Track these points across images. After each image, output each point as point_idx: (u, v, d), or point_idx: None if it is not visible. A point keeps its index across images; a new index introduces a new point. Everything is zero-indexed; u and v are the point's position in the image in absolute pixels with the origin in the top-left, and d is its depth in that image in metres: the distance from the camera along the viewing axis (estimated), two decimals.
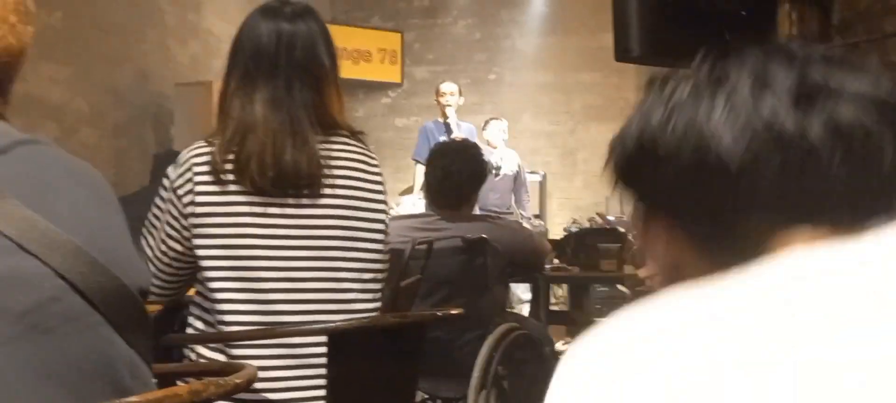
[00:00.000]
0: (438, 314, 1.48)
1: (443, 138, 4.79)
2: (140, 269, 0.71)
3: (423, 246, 2.19)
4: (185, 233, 1.31)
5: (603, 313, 4.01)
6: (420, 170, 4.97)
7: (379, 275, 1.38)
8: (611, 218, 3.52)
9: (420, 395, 2.91)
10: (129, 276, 0.67)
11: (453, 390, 2.50)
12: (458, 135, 4.48)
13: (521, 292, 3.85)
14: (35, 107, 3.39)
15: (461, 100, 4.79)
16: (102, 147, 3.98)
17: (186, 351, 1.34)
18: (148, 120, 4.45)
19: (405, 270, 1.88)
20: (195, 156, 1.31)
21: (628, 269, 2.83)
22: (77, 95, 3.85)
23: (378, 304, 1.37)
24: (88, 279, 0.63)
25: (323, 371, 1.23)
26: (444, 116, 4.73)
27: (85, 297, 0.62)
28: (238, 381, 0.74)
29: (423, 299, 2.51)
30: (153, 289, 1.33)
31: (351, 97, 6.24)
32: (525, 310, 3.61)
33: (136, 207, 1.45)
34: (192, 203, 1.29)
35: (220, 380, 0.73)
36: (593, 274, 2.86)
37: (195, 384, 0.73)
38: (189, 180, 1.30)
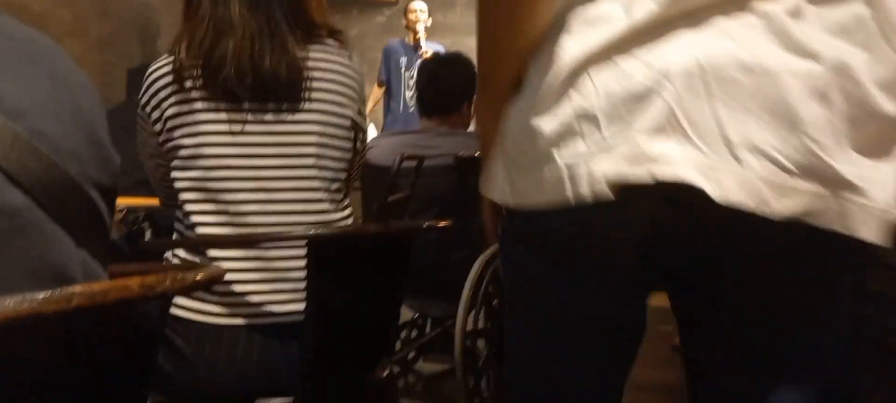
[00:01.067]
0: (423, 225, 1.43)
1: (405, 59, 4.74)
2: (103, 160, 0.65)
3: (412, 162, 2.13)
4: (162, 150, 1.26)
5: None
6: (377, 94, 4.93)
7: (343, 187, 1.33)
8: None
9: (409, 314, 2.92)
10: (85, 169, 0.61)
11: (442, 310, 2.49)
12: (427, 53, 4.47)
13: None
14: (16, 16, 3.26)
15: (429, 21, 4.77)
16: (87, 60, 3.86)
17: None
18: (134, 33, 4.32)
19: (393, 186, 1.83)
20: (158, 69, 1.24)
21: None
22: (60, 6, 3.71)
23: (348, 214, 1.32)
24: (29, 170, 0.57)
25: (301, 285, 1.19)
26: (415, 35, 4.70)
27: (25, 190, 0.56)
28: (198, 277, 0.69)
29: (414, 217, 2.47)
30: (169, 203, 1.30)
31: (345, 15, 6.05)
32: None
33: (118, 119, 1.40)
34: (161, 120, 1.23)
35: (178, 275, 0.68)
36: None
37: (149, 277, 0.67)
38: (154, 95, 1.23)
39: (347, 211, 1.37)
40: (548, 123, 0.68)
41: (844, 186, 0.61)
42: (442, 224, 1.40)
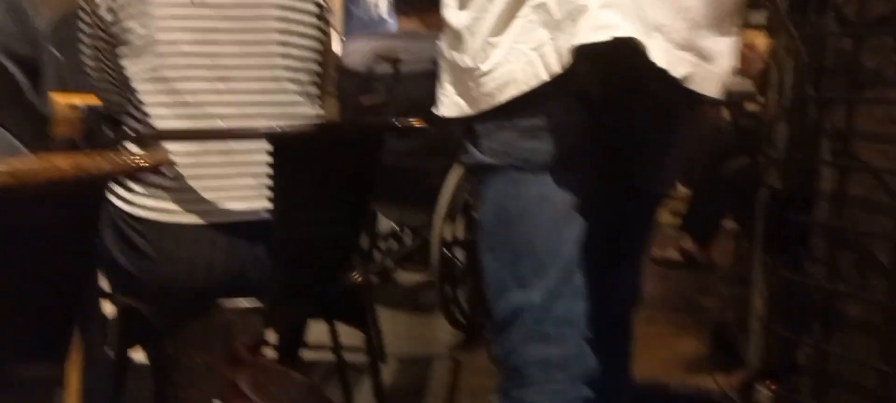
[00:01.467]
0: (393, 122, 1.36)
1: None
2: (20, 30, 0.59)
3: (388, 65, 2.05)
4: (108, 36, 1.17)
5: None
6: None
7: (317, 80, 1.25)
8: None
9: (389, 225, 2.89)
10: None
11: (420, 219, 2.45)
12: None
13: None
14: None
15: None
16: None
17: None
18: None
19: (367, 87, 1.75)
20: None
21: None
22: None
23: (319, 111, 1.25)
24: None
25: (266, 179, 1.13)
26: None
27: None
28: (141, 162, 0.63)
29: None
30: None
31: None
32: None
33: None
34: (111, 10, 1.14)
35: (114, 156, 0.62)
36: None
37: (82, 157, 0.62)
38: None
39: (321, 109, 1.30)
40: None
41: (707, 58, 0.87)
42: (417, 124, 1.33)
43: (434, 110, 0.95)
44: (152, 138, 1.12)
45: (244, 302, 1.24)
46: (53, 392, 0.66)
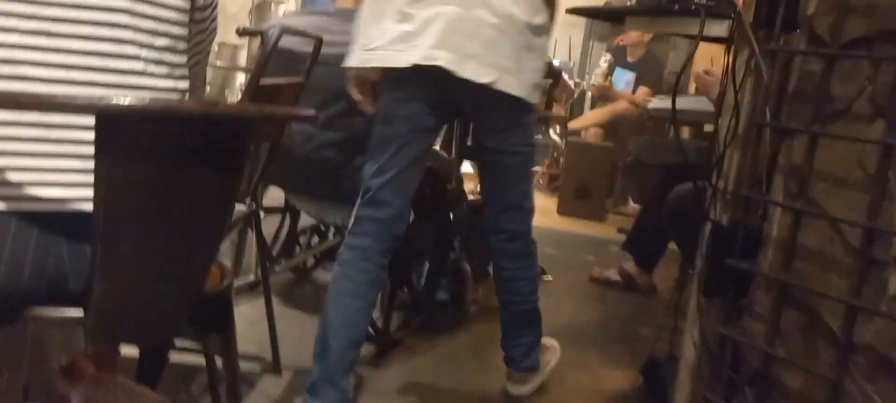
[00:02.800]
0: (265, 111, 1.13)
1: None
2: None
3: (300, 43, 1.81)
4: None
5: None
6: None
7: (181, 46, 1.02)
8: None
9: (309, 221, 2.65)
10: None
11: (342, 217, 2.22)
12: None
13: None
14: None
15: None
16: None
17: None
18: None
19: (264, 66, 1.51)
20: None
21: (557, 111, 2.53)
22: None
23: (180, 86, 1.02)
24: None
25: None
26: None
27: None
28: None
29: (318, 111, 2.15)
30: None
31: None
32: None
33: None
34: None
35: None
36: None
37: None
38: None
39: (184, 83, 1.06)
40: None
41: (504, 70, 1.52)
42: (306, 112, 1.10)
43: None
44: None
45: (69, 312, 1.00)
46: None
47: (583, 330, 2.51)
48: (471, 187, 2.87)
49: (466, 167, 2.86)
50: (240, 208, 1.97)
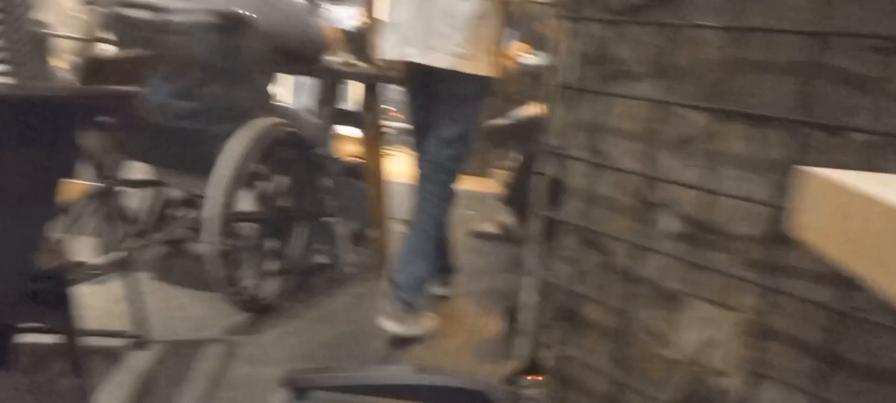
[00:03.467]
0: (83, 91, 1.13)
1: None
2: None
3: (129, 10, 1.78)
4: None
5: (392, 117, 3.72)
6: None
7: None
8: None
9: (175, 192, 2.62)
10: None
11: (205, 187, 2.21)
12: None
13: None
14: None
15: None
16: None
17: None
18: None
19: (130, 38, 1.49)
20: None
21: None
22: None
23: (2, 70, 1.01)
24: None
25: None
26: None
27: None
28: None
29: (171, 81, 2.14)
30: None
31: None
32: None
33: None
34: None
35: None
36: (385, 73, 2.60)
37: None
38: None
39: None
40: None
41: (456, 54, 2.07)
42: (128, 90, 1.11)
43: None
44: None
45: None
46: None
47: (460, 283, 2.64)
48: (353, 150, 2.91)
49: (351, 132, 2.89)
50: (94, 184, 1.93)
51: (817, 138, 0.91)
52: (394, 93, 3.78)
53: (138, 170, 2.42)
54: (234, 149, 2.03)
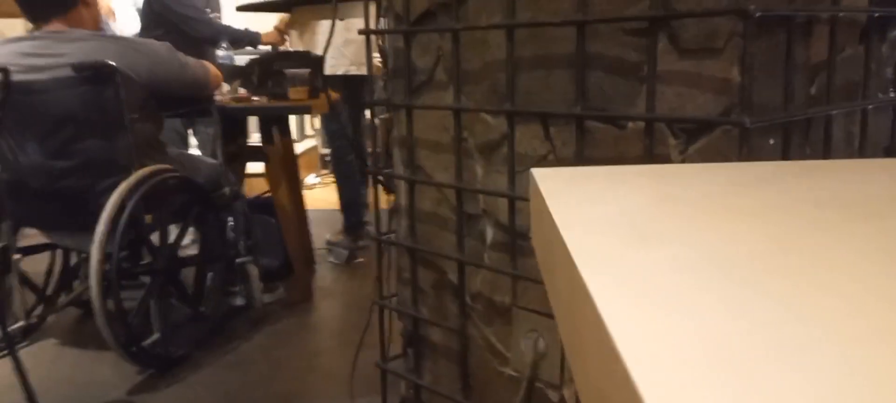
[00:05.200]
0: None
1: None
2: None
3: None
4: None
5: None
6: None
7: None
8: None
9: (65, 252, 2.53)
10: None
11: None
12: None
13: None
14: None
15: None
16: None
17: None
18: None
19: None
20: None
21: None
22: None
23: None
24: None
25: None
26: None
27: None
28: None
29: (43, 141, 2.06)
30: None
31: None
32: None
33: None
34: None
35: None
36: (282, 104, 2.54)
37: None
38: None
39: None
40: None
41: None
42: None
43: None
44: None
45: None
46: None
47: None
48: (262, 186, 2.84)
49: (256, 167, 2.83)
50: None
51: (599, 130, 0.87)
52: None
53: (32, 235, 2.34)
54: (113, 202, 1.96)
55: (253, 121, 3.01)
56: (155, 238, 2.17)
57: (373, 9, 1.34)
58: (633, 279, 0.26)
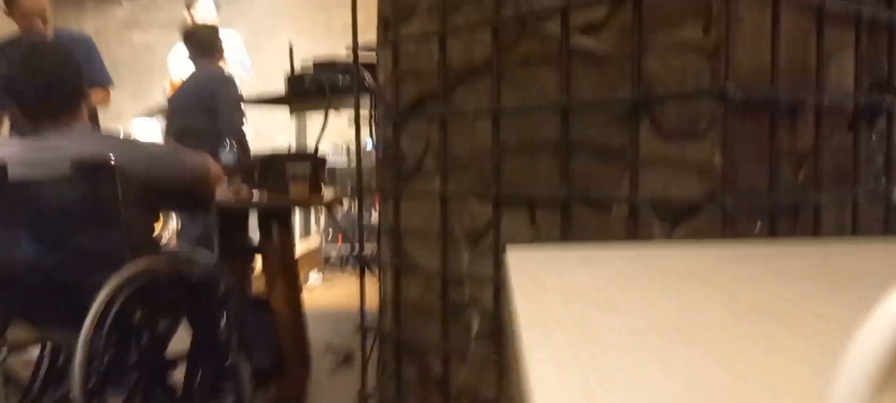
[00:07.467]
0: None
1: None
2: None
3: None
4: None
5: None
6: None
7: None
8: None
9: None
10: None
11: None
12: None
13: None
14: None
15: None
16: None
17: None
18: None
19: None
20: None
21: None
22: None
23: None
24: None
25: None
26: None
27: None
28: None
29: (37, 235, 2.06)
30: None
31: (77, 8, 5.37)
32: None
33: None
34: None
35: None
36: (281, 202, 2.55)
37: None
38: None
39: None
40: None
41: None
42: None
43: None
44: None
45: None
46: None
47: None
48: (257, 284, 2.81)
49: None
50: None
51: (585, 214, 0.85)
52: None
53: (21, 330, 2.29)
54: (100, 300, 1.92)
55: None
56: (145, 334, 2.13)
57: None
58: (577, 346, 0.24)
